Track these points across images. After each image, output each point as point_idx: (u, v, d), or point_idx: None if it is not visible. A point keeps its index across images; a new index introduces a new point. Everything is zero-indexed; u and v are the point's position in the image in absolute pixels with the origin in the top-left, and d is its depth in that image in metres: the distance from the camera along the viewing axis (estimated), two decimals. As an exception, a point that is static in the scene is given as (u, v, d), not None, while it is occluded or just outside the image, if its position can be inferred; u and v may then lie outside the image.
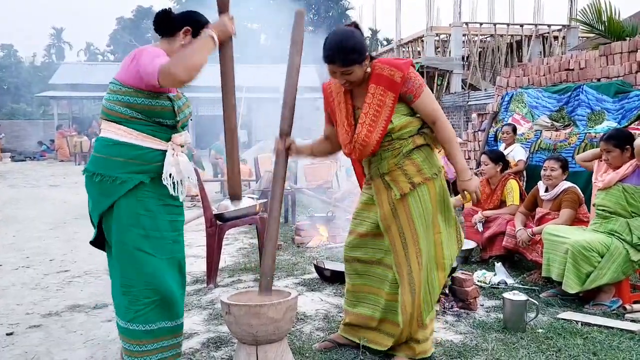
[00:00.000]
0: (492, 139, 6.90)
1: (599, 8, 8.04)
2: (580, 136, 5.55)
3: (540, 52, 19.20)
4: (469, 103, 15.23)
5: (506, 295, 3.23)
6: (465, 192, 2.66)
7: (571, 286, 3.55)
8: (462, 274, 3.61)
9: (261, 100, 21.30)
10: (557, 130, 6.01)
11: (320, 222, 5.97)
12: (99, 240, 2.48)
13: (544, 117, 6.31)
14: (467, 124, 12.51)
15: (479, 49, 19.83)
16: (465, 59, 19.66)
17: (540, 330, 3.15)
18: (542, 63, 7.44)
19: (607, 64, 6.32)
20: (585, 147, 5.28)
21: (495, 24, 19.72)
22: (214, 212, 4.25)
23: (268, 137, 11.55)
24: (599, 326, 3.20)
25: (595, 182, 3.85)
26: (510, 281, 4.12)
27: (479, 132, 7.83)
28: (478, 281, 4.04)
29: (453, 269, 3.60)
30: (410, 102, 2.54)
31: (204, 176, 9.08)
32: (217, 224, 4.20)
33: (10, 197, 10.17)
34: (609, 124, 5.51)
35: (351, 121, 2.63)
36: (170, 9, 2.49)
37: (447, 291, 3.59)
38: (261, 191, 6.99)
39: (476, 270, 4.29)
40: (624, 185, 3.59)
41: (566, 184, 4.20)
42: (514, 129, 6.26)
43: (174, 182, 2.40)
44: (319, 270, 4.29)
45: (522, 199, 4.80)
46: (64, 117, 24.72)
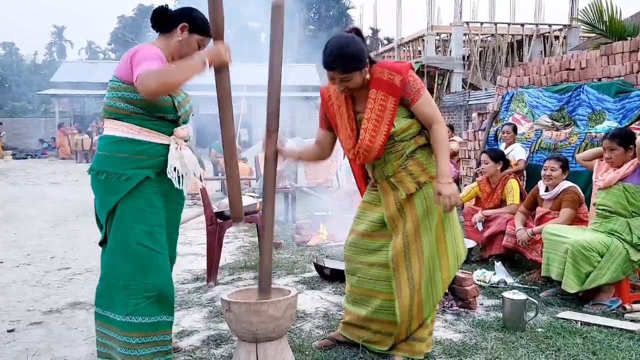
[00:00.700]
0: (493, 138, 6.90)
1: (600, 8, 8.03)
2: (581, 136, 5.54)
3: (541, 51, 19.19)
4: (470, 102, 15.22)
5: (506, 294, 3.24)
6: (439, 195, 2.51)
7: (571, 286, 3.55)
8: (462, 273, 3.61)
9: (261, 99, 21.24)
10: (557, 129, 6.01)
11: (320, 220, 5.98)
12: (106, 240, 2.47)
13: (544, 116, 6.31)
14: (467, 124, 12.50)
15: (479, 49, 19.81)
16: (466, 58, 19.65)
17: (539, 330, 3.16)
18: (543, 63, 7.43)
19: (608, 64, 6.31)
20: (585, 146, 5.28)
21: (496, 24, 19.70)
22: (214, 210, 4.26)
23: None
24: (599, 326, 3.21)
25: (596, 181, 3.85)
26: (509, 280, 4.13)
27: (480, 132, 7.82)
28: (478, 280, 4.05)
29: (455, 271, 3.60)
30: (409, 105, 2.55)
31: (204, 175, 9.09)
32: (217, 222, 4.21)
33: (11, 195, 10.18)
34: (609, 124, 5.51)
35: (353, 126, 2.63)
36: (167, 6, 2.49)
37: (447, 290, 3.59)
38: (262, 190, 7.00)
39: (476, 270, 4.29)
40: (624, 184, 3.60)
41: (566, 184, 4.20)
42: (515, 129, 6.26)
43: (179, 175, 2.41)
44: (319, 268, 4.30)
45: (522, 198, 4.80)
46: (65, 115, 24.73)
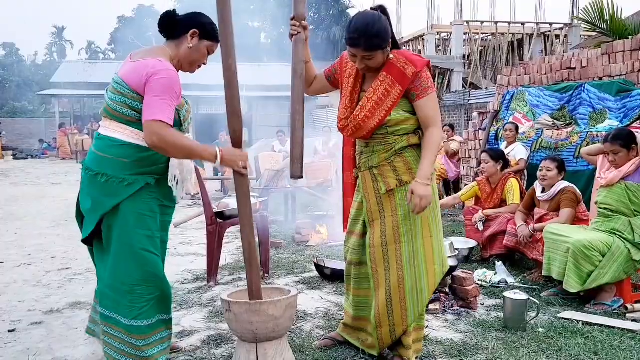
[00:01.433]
0: (493, 137, 6.89)
1: (601, 6, 8.02)
2: (582, 135, 5.54)
3: (542, 50, 19.19)
4: (470, 102, 15.22)
5: (507, 294, 3.23)
6: (412, 194, 2.46)
7: (572, 285, 3.55)
8: (463, 272, 3.61)
9: (261, 99, 21.33)
10: (558, 129, 6.00)
11: (320, 220, 5.97)
12: (90, 238, 2.47)
13: (545, 115, 6.30)
14: (468, 123, 12.49)
15: (480, 48, 19.81)
16: (467, 57, 19.65)
17: (540, 330, 3.15)
18: (544, 62, 7.43)
19: (609, 63, 6.30)
20: (586, 146, 5.27)
21: (496, 23, 19.71)
22: (214, 211, 4.25)
23: (268, 136, 11.55)
24: (600, 326, 3.20)
25: (599, 177, 3.84)
26: (510, 280, 4.12)
27: (480, 131, 7.82)
28: (478, 280, 4.04)
29: (453, 268, 3.60)
30: (413, 100, 2.53)
31: (204, 175, 9.08)
32: (217, 222, 4.21)
33: (11, 195, 10.19)
34: (610, 123, 5.50)
35: (354, 99, 2.61)
36: (175, 11, 2.46)
37: (448, 290, 3.59)
38: (262, 189, 6.99)
39: (477, 269, 4.28)
40: (626, 183, 3.59)
41: (563, 184, 4.19)
42: (517, 128, 6.26)
43: (177, 182, 2.44)
44: (319, 268, 4.30)
45: (522, 198, 4.79)
46: (65, 115, 24.75)
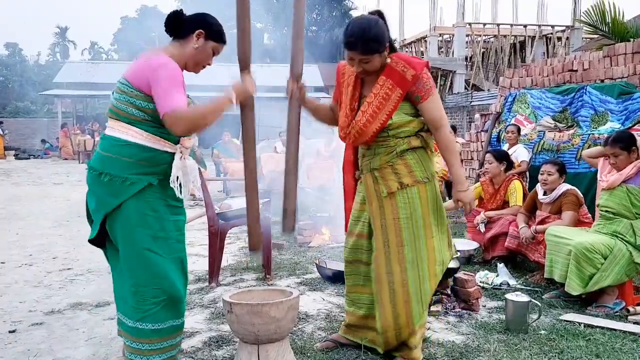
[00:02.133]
0: (495, 139, 6.89)
1: (603, 9, 8.02)
2: (584, 137, 5.53)
3: (544, 52, 19.19)
4: (472, 103, 15.22)
5: (508, 296, 3.23)
6: (459, 202, 2.64)
7: (574, 288, 3.54)
8: (465, 274, 3.60)
9: (264, 100, 21.33)
10: (560, 131, 6.00)
11: (322, 221, 5.97)
12: (98, 238, 2.47)
13: (547, 117, 6.30)
14: (470, 125, 12.49)
15: (482, 50, 19.81)
16: (469, 59, 19.65)
17: (542, 332, 3.14)
18: (546, 64, 7.42)
19: (611, 65, 6.30)
20: (588, 148, 5.27)
21: (498, 25, 19.71)
22: (216, 211, 4.25)
23: (271, 137, 11.55)
24: (602, 328, 3.19)
25: (601, 180, 3.84)
26: (512, 282, 4.11)
27: (482, 133, 7.82)
28: (480, 282, 4.03)
29: (455, 270, 3.60)
30: (417, 102, 2.54)
31: (206, 175, 9.09)
32: (219, 223, 4.21)
33: (13, 195, 10.20)
34: (612, 125, 5.50)
35: (354, 106, 2.63)
36: (182, 10, 2.47)
37: (449, 292, 3.58)
38: (263, 191, 6.99)
39: (478, 271, 4.28)
40: (627, 186, 3.58)
41: (565, 187, 4.19)
42: (519, 130, 6.25)
43: (179, 184, 2.42)
44: (321, 269, 4.29)
45: (525, 200, 4.79)
46: (68, 115, 24.76)
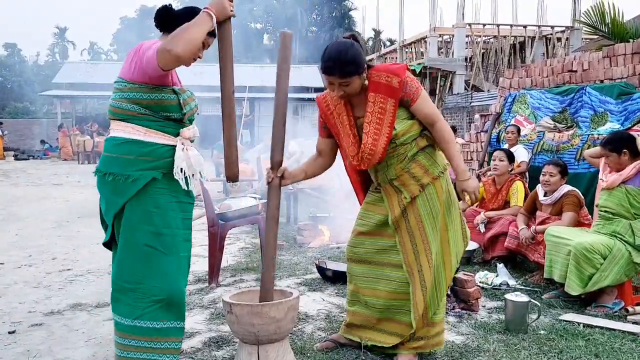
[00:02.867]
0: (495, 140, 6.89)
1: (602, 9, 8.03)
2: (583, 138, 5.54)
3: (544, 53, 19.19)
4: (472, 104, 15.23)
5: (508, 296, 3.23)
6: (464, 192, 2.66)
7: (573, 288, 3.55)
8: (464, 275, 3.61)
9: (264, 100, 21.35)
10: (559, 131, 6.00)
11: (322, 222, 5.97)
12: (110, 241, 2.46)
13: (546, 118, 6.30)
14: (469, 125, 12.49)
15: (482, 50, 19.81)
16: (468, 59, 19.65)
17: (542, 332, 3.15)
18: (545, 64, 7.43)
19: (611, 66, 6.31)
20: (587, 148, 5.28)
21: (498, 25, 19.71)
22: (216, 212, 4.26)
23: (270, 137, 11.58)
24: (601, 328, 3.20)
25: (601, 180, 3.85)
26: (512, 282, 4.12)
27: (482, 133, 7.82)
28: (480, 282, 4.04)
29: (455, 270, 3.60)
30: (409, 105, 2.57)
31: (208, 175, 9.08)
32: (219, 224, 4.21)
33: (13, 196, 10.20)
34: (611, 126, 5.50)
35: (355, 132, 2.65)
36: (171, 5, 2.48)
37: (449, 292, 3.58)
38: (264, 191, 6.99)
39: (478, 271, 4.28)
40: (626, 187, 3.59)
41: (566, 188, 4.19)
42: (519, 130, 6.26)
43: (186, 176, 2.40)
44: (321, 270, 4.29)
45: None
46: (67, 116, 24.75)
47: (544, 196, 4.29)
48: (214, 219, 4.20)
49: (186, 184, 2.41)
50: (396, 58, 22.63)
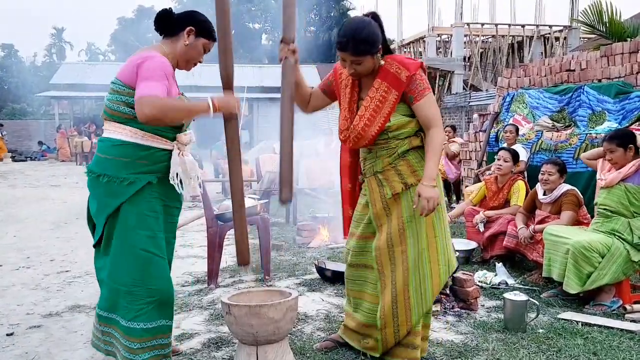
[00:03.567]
0: (494, 139, 6.90)
1: (600, 9, 8.04)
2: (581, 137, 5.54)
3: (542, 52, 19.22)
4: (470, 103, 15.24)
5: (507, 295, 3.23)
6: (419, 197, 2.46)
7: (572, 286, 3.55)
8: (463, 274, 3.61)
9: (262, 100, 21.34)
10: (558, 130, 6.00)
11: (321, 222, 5.97)
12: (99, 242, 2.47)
13: (545, 117, 6.30)
14: (468, 125, 12.50)
15: (480, 50, 19.84)
16: (467, 59, 19.67)
17: (540, 331, 3.15)
18: (544, 64, 7.43)
19: (608, 65, 6.31)
20: (586, 147, 5.28)
21: (496, 25, 19.74)
22: (214, 213, 4.25)
23: (270, 138, 11.57)
24: (599, 326, 3.21)
25: (599, 179, 3.85)
26: (511, 281, 4.12)
27: (480, 133, 7.82)
28: (479, 281, 4.04)
29: (454, 270, 3.59)
30: (411, 103, 2.53)
31: (205, 176, 9.08)
32: (218, 225, 4.20)
33: (11, 197, 10.18)
34: (609, 125, 5.51)
35: (353, 109, 2.62)
36: (171, 9, 2.48)
37: (448, 291, 3.59)
38: (262, 192, 6.99)
39: (477, 271, 4.29)
40: (626, 184, 3.59)
41: (565, 187, 4.20)
42: (517, 130, 6.26)
43: (180, 180, 2.41)
44: (320, 270, 4.29)
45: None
46: (65, 117, 24.71)
47: (543, 195, 4.29)
48: (212, 219, 4.20)
49: (180, 187, 2.42)
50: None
